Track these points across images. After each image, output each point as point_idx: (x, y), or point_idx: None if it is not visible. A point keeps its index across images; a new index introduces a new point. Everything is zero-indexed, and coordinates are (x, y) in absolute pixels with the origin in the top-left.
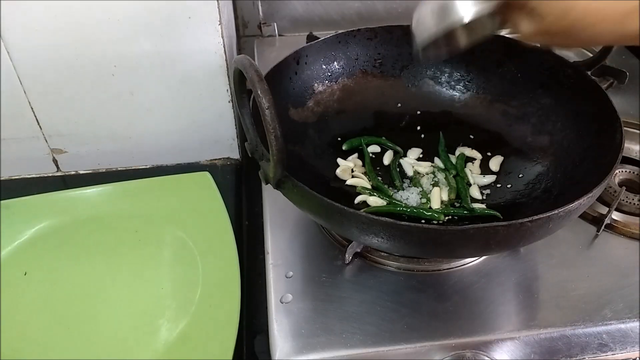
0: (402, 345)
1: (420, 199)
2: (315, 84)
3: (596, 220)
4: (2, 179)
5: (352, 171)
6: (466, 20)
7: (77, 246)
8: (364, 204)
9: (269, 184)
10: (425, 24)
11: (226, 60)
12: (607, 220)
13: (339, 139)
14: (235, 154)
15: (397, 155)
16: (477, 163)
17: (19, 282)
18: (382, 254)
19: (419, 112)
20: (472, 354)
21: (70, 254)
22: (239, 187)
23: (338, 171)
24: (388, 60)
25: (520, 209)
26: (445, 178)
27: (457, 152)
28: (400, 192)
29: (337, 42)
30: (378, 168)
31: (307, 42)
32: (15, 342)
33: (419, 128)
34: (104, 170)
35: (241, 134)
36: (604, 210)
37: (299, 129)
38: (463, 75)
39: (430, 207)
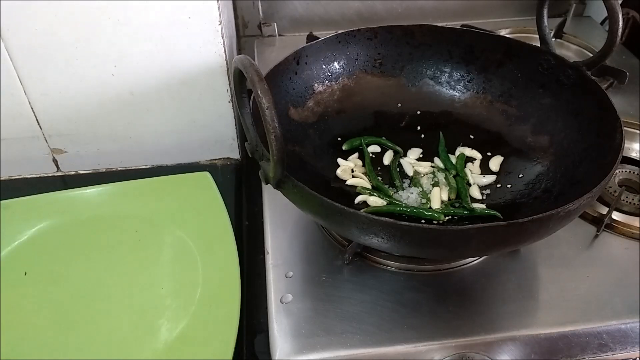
0: (402, 345)
1: (421, 199)
2: (315, 84)
3: (596, 220)
4: (2, 179)
5: (353, 171)
6: None
7: (77, 246)
8: (364, 204)
9: (269, 184)
10: None
11: (226, 60)
12: (607, 220)
13: (339, 139)
14: (235, 154)
15: (397, 155)
16: (477, 163)
17: (19, 282)
18: (382, 254)
19: (419, 112)
20: (472, 354)
21: (70, 254)
22: (239, 187)
23: (338, 171)
24: (388, 60)
25: (520, 209)
26: (445, 178)
27: (457, 152)
28: (400, 192)
29: (337, 42)
30: (378, 168)
31: (307, 42)
32: (15, 342)
33: (419, 128)
34: (104, 170)
35: (241, 134)
36: (604, 210)
37: (299, 129)
38: (463, 75)
39: (430, 207)
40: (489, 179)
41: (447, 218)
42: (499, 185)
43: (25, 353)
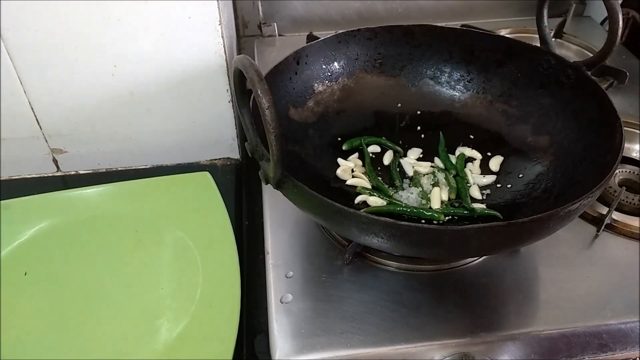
0: (402, 345)
1: (421, 199)
2: (315, 84)
3: (596, 220)
4: (2, 179)
5: (353, 171)
6: None
7: (77, 246)
8: (364, 204)
9: (269, 184)
10: None
11: (226, 60)
12: (607, 220)
13: (339, 139)
14: (235, 154)
15: (397, 155)
16: (477, 163)
17: (19, 282)
18: (382, 254)
19: (419, 112)
20: (472, 354)
21: (70, 254)
22: (239, 187)
23: (339, 171)
24: (388, 60)
25: (520, 209)
26: (445, 178)
27: (457, 152)
28: (401, 192)
29: (337, 42)
30: (378, 168)
31: (307, 42)
32: (15, 342)
33: (419, 128)
34: (104, 170)
35: (241, 134)
36: (604, 210)
37: (299, 129)
38: (463, 75)
39: (430, 207)
40: (489, 179)
41: (447, 218)
42: (499, 185)
43: (25, 353)
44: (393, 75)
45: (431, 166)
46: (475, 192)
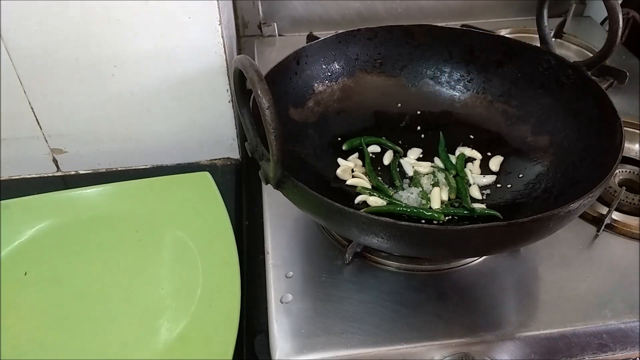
0: (402, 345)
1: (421, 199)
2: (315, 84)
3: (596, 220)
4: (2, 179)
5: (353, 171)
6: None
7: (77, 246)
8: (364, 204)
9: (269, 184)
10: None
11: (226, 60)
12: (607, 220)
13: (339, 139)
14: (235, 154)
15: (397, 155)
16: (477, 163)
17: (19, 282)
18: (382, 254)
19: (419, 112)
20: (472, 354)
21: (70, 254)
22: (239, 187)
23: (339, 171)
24: (388, 60)
25: (520, 209)
26: (445, 178)
27: (457, 152)
28: (400, 192)
29: (337, 42)
30: (378, 168)
31: (307, 42)
32: (15, 342)
33: (419, 128)
34: (104, 170)
35: (241, 134)
36: (604, 210)
37: (299, 129)
38: (463, 75)
39: (430, 207)
40: (489, 179)
41: (447, 218)
42: (499, 185)
43: (25, 353)
44: (393, 75)
45: (431, 166)
46: (475, 192)
